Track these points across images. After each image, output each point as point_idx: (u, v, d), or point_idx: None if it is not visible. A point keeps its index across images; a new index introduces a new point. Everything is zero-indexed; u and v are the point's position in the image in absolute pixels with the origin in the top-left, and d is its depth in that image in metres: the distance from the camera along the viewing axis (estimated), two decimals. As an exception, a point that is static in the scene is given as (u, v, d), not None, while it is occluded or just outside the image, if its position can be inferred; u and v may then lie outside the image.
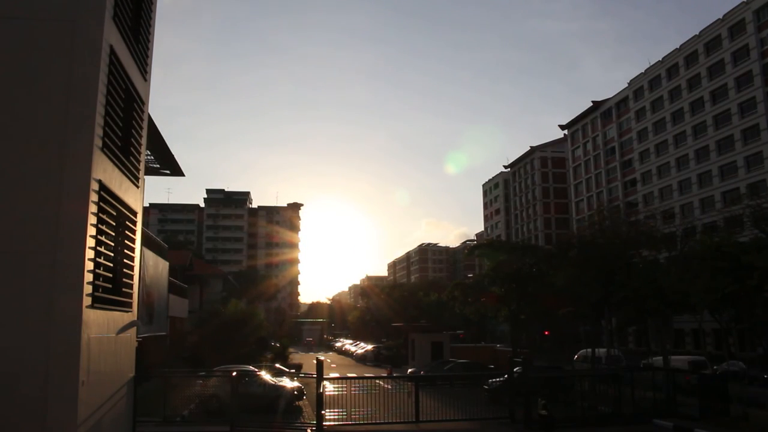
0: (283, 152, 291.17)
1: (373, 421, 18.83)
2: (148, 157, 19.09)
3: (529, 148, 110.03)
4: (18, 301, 8.11)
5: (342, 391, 19.75)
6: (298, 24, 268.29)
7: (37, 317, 8.07)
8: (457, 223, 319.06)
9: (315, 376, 18.43)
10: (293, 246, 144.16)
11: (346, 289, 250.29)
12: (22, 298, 8.13)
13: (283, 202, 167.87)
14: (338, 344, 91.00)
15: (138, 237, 11.68)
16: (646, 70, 77.88)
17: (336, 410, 19.02)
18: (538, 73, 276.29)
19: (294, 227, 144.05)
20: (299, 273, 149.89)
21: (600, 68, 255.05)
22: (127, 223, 10.90)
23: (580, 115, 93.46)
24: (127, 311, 11.07)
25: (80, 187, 8.48)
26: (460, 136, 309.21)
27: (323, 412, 17.85)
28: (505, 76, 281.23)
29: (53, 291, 8.13)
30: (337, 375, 29.15)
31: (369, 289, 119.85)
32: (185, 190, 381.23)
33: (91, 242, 8.62)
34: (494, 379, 24.36)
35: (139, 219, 11.70)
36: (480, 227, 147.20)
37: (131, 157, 10.98)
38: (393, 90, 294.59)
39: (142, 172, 11.95)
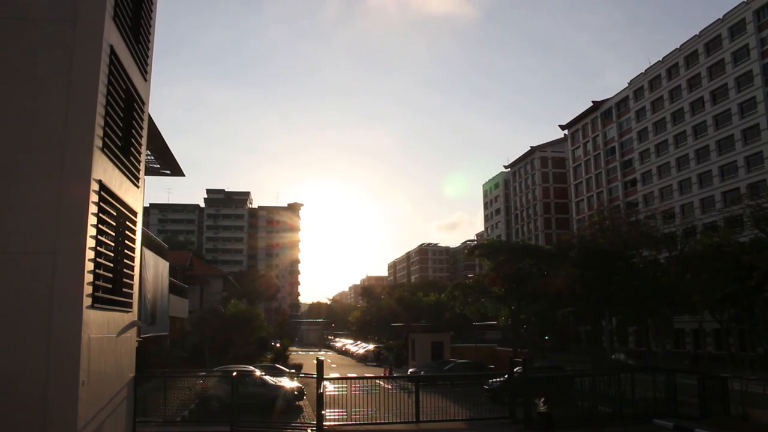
0: (284, 153, 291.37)
1: (374, 421, 18.82)
2: (148, 157, 19.09)
3: (529, 148, 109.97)
4: (18, 301, 8.10)
5: (342, 391, 19.74)
6: (302, 25, 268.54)
7: (37, 317, 8.07)
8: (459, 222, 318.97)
9: (315, 376, 18.43)
10: (293, 245, 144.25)
11: (347, 289, 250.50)
12: (23, 298, 8.12)
13: (283, 202, 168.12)
14: (338, 344, 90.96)
15: (138, 237, 11.67)
16: (646, 70, 77.82)
17: (336, 410, 19.01)
18: (539, 73, 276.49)
19: (294, 227, 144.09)
20: (300, 273, 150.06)
21: (600, 68, 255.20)
22: (127, 223, 10.89)
23: (580, 115, 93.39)
24: (128, 311, 11.06)
25: (80, 187, 8.48)
26: (461, 138, 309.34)
27: (323, 412, 17.85)
28: (505, 76, 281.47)
29: (53, 291, 8.12)
30: (337, 375, 29.14)
31: (369, 289, 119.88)
32: (185, 190, 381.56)
33: (91, 242, 8.62)
34: (494, 379, 24.35)
35: (139, 219, 11.69)
36: (480, 227, 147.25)
37: (131, 157, 10.97)
38: (393, 90, 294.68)
39: (142, 172, 11.94)
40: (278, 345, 57.99)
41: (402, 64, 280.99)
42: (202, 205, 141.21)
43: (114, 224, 10.04)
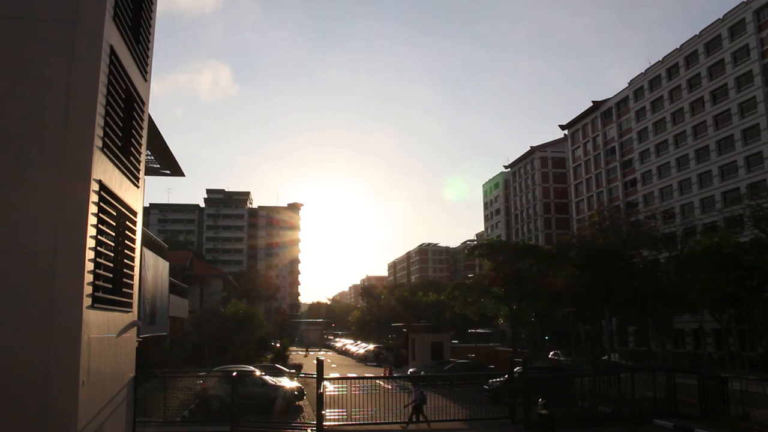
0: (284, 153, 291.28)
1: (374, 421, 18.82)
2: (148, 157, 19.08)
3: (529, 148, 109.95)
4: (18, 301, 8.09)
5: (342, 391, 19.74)
6: (302, 24, 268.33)
7: (37, 317, 8.06)
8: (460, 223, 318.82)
9: (315, 376, 18.43)
10: (293, 245, 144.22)
11: (347, 289, 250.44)
12: (23, 298, 8.12)
13: (283, 202, 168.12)
14: (338, 344, 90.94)
15: (138, 237, 11.66)
16: (646, 70, 77.78)
17: (336, 410, 19.02)
18: (540, 73, 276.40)
19: (294, 227, 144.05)
20: (300, 273, 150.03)
21: (600, 68, 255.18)
22: (127, 223, 10.89)
23: (580, 115, 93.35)
24: (128, 311, 11.06)
25: (80, 187, 8.47)
26: (461, 138, 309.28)
27: (323, 412, 17.85)
28: (505, 76, 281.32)
29: (53, 291, 8.11)
30: (337, 375, 29.14)
31: (369, 288, 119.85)
32: (185, 190, 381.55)
33: (91, 242, 8.61)
34: (494, 379, 24.35)
35: (139, 219, 11.69)
36: (480, 227, 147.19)
37: (131, 157, 10.96)
38: (394, 91, 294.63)
39: (142, 172, 11.93)
40: (278, 345, 58.01)
41: (401, 64, 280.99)
42: (202, 205, 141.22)
43: (114, 224, 10.03)
